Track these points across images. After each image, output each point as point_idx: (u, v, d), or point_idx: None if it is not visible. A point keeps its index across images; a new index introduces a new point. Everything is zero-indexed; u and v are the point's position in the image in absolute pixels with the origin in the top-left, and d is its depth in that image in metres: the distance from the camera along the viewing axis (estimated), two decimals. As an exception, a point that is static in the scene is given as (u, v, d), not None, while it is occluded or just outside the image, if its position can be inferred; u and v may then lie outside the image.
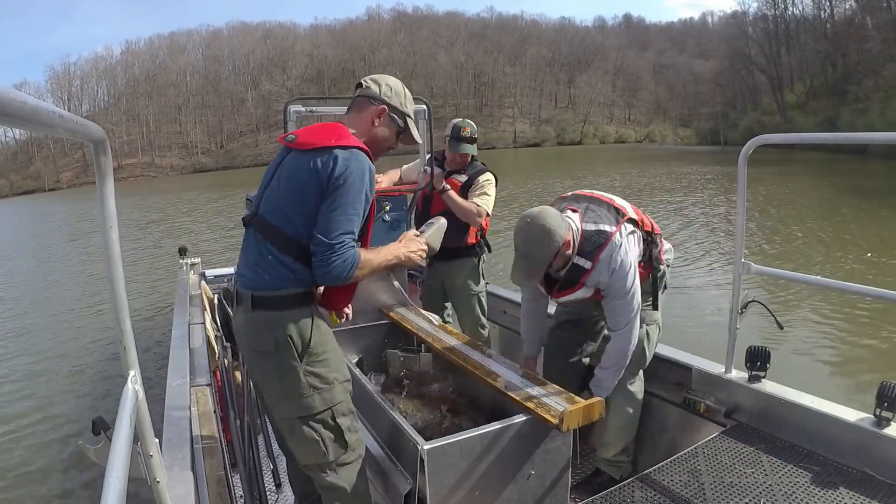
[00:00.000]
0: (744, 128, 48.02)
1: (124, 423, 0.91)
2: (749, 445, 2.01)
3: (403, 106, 1.81)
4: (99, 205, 0.98)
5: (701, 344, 4.95)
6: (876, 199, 14.34)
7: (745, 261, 2.20)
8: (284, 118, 2.96)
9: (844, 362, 4.71)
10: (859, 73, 38.76)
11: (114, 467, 0.79)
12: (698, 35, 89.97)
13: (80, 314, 7.53)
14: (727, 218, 12.01)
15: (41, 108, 0.64)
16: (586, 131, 76.57)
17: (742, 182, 2.15)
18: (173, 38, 73.95)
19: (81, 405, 4.61)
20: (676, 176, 22.59)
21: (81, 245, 14.14)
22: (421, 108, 3.09)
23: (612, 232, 2.05)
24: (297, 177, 1.63)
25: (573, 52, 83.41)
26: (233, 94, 70.70)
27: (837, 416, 1.90)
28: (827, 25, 46.01)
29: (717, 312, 6.00)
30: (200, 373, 2.53)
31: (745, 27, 55.40)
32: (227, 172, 54.19)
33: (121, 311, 1.02)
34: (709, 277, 7.79)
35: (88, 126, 0.86)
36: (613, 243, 2.03)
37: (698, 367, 2.36)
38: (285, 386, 1.66)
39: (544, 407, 1.78)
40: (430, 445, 1.66)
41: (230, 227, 13.93)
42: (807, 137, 2.37)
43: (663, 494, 1.81)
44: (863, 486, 1.73)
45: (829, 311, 5.81)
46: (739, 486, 1.80)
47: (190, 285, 4.22)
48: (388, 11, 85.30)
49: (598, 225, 2.08)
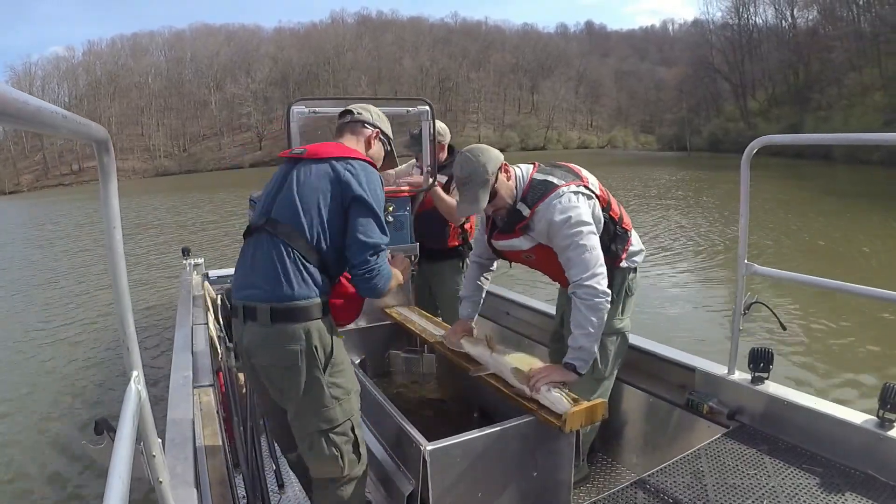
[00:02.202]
0: (707, 134, 49.83)
1: (127, 424, 0.91)
2: (752, 447, 2.00)
3: (388, 132, 1.96)
4: (102, 205, 0.98)
5: (703, 345, 4.95)
6: (843, 199, 14.85)
7: (748, 262, 2.19)
8: (287, 119, 2.96)
9: (848, 363, 4.69)
10: (822, 81, 40.00)
11: (116, 467, 0.79)
12: (659, 42, 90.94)
13: (80, 314, 7.55)
14: (723, 219, 12.07)
15: (43, 109, 0.64)
16: (550, 137, 77.05)
17: (745, 184, 2.15)
18: (136, 39, 73.12)
19: (84, 405, 4.62)
20: (664, 181, 23.09)
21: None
22: (424, 109, 3.10)
23: (559, 185, 1.99)
24: (315, 184, 1.65)
25: (536, 59, 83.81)
26: (196, 97, 70.02)
27: (841, 417, 1.89)
28: (789, 35, 47.05)
29: (719, 313, 6.00)
30: (203, 373, 2.53)
31: (709, 35, 56.29)
32: (190, 176, 53.57)
33: (124, 312, 1.02)
34: (709, 277, 7.79)
35: (91, 126, 0.86)
36: (556, 194, 1.97)
37: (701, 368, 2.35)
38: (311, 399, 1.65)
39: (547, 408, 1.78)
40: (433, 446, 1.66)
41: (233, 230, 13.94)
42: (809, 138, 2.36)
43: (666, 496, 1.81)
44: (866, 487, 1.73)
45: (832, 313, 5.80)
46: (742, 487, 1.79)
47: (193, 286, 4.22)
48: (352, 15, 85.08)
49: (548, 177, 2.04)
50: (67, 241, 15.20)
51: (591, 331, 1.87)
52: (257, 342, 1.65)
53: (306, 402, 1.65)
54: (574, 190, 2.00)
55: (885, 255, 8.60)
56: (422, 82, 74.18)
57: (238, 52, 73.67)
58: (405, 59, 76.68)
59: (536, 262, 2.15)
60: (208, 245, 11.90)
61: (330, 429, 1.67)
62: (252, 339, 1.66)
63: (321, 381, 1.64)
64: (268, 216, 1.69)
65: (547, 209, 1.97)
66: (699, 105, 56.32)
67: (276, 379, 1.67)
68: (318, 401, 1.65)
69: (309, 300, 1.62)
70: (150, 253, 11.60)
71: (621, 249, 2.18)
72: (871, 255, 8.54)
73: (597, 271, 1.90)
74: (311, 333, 1.61)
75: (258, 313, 1.62)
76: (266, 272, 1.64)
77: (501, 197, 2.02)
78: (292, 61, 71.94)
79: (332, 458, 1.69)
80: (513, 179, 2.04)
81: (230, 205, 19.78)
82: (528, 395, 1.83)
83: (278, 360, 1.63)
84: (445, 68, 77.49)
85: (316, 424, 1.66)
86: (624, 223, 2.21)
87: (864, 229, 10.62)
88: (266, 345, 1.63)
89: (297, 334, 1.60)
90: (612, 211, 2.15)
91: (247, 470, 2.18)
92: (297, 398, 1.66)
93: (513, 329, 3.44)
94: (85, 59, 69.94)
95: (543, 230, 1.99)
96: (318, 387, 1.64)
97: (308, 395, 1.64)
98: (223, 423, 2.22)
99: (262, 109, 67.73)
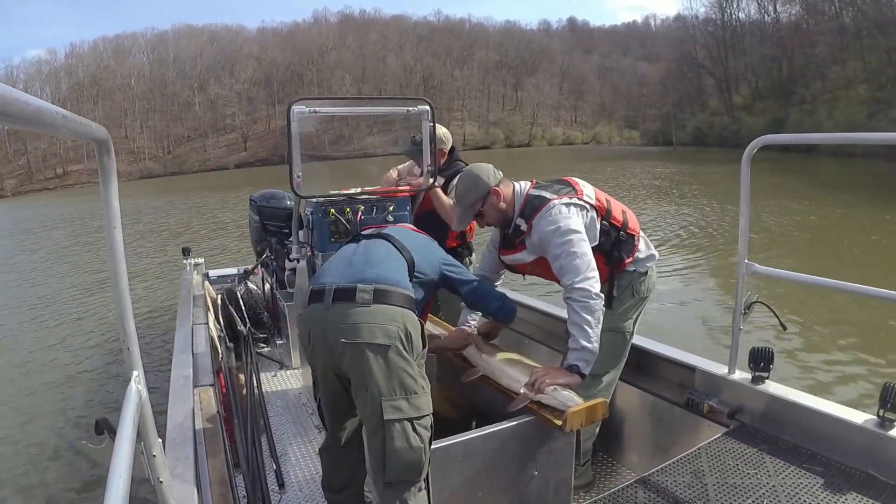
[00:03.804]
0: (692, 129, 50.07)
1: (127, 423, 0.91)
2: (752, 446, 2.00)
3: None
4: (103, 205, 0.99)
5: (704, 344, 4.95)
6: (829, 191, 15.05)
7: (748, 261, 2.19)
8: (288, 119, 2.95)
9: (848, 363, 4.69)
10: (806, 75, 40.40)
11: (117, 467, 0.80)
12: (642, 38, 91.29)
13: (80, 315, 7.56)
14: (720, 218, 12.12)
15: (44, 109, 0.64)
16: (534, 133, 77.19)
17: (745, 183, 2.15)
18: (118, 41, 72.66)
19: (84, 405, 4.62)
20: (658, 175, 23.10)
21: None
22: (424, 109, 3.09)
23: (550, 199, 2.07)
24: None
25: (520, 55, 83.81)
26: (180, 99, 69.65)
27: (841, 417, 1.89)
28: (773, 29, 47.32)
29: (720, 313, 6.00)
30: (204, 373, 2.53)
31: (692, 31, 56.38)
32: (175, 178, 53.30)
33: (124, 312, 1.02)
34: (710, 276, 7.79)
35: (92, 126, 0.87)
36: (547, 207, 2.05)
37: (701, 367, 2.35)
38: (401, 384, 1.59)
39: (547, 407, 1.78)
40: (434, 446, 1.66)
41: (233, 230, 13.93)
42: (809, 138, 2.36)
43: (666, 495, 1.81)
44: (866, 487, 1.73)
45: (833, 312, 5.80)
46: (743, 487, 1.79)
47: (194, 286, 4.23)
48: (334, 14, 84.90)
49: (542, 192, 2.12)
50: (68, 240, 15.21)
51: (589, 331, 1.88)
52: (352, 320, 1.62)
53: (396, 385, 1.59)
54: (566, 202, 2.06)
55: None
56: (406, 81, 74.26)
57: (221, 53, 73.33)
58: (389, 57, 76.66)
59: (543, 273, 2.20)
60: (207, 246, 11.91)
61: (417, 417, 1.60)
62: (345, 318, 1.63)
63: (413, 365, 1.62)
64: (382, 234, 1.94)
65: (539, 222, 2.05)
66: (683, 100, 56.38)
67: (367, 360, 1.59)
68: (408, 387, 1.60)
69: (409, 291, 1.72)
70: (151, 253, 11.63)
71: (626, 254, 2.21)
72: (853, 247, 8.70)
73: (588, 275, 1.93)
74: (407, 318, 1.65)
75: (357, 293, 1.64)
76: (374, 262, 1.77)
77: (490, 216, 2.18)
78: (276, 61, 71.78)
79: (419, 449, 1.59)
80: (505, 201, 2.15)
81: (234, 205, 19.75)
82: (530, 396, 1.82)
83: (376, 338, 1.59)
84: (429, 66, 77.55)
85: (404, 411, 1.58)
86: (629, 228, 2.22)
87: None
88: (364, 323, 1.61)
89: (397, 316, 1.63)
90: (612, 218, 2.18)
91: (247, 470, 2.19)
92: (386, 380, 1.59)
93: (513, 329, 3.44)
94: (67, 62, 69.45)
95: (537, 242, 2.07)
96: (409, 371, 1.61)
97: (398, 379, 1.59)
98: (223, 422, 2.23)
99: (247, 110, 67.63)
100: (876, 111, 28.39)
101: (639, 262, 2.26)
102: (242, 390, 2.90)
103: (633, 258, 2.24)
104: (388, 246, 1.88)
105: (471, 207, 2.17)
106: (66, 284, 9.47)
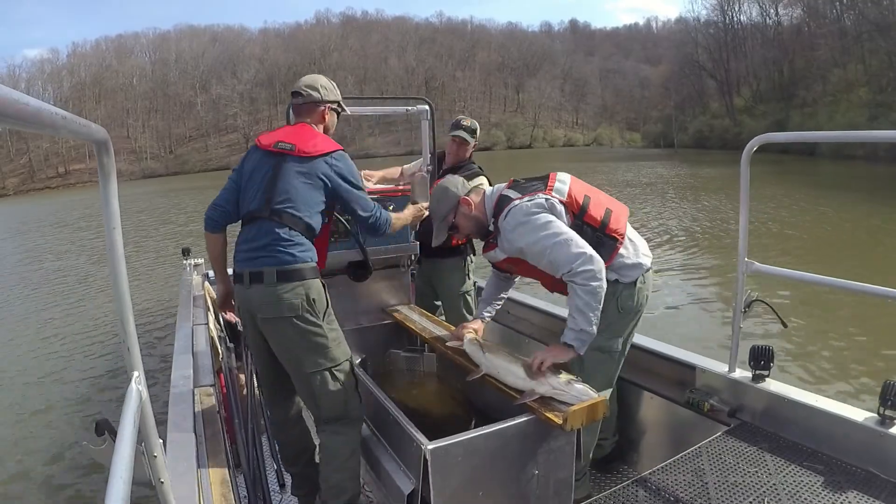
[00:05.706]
0: (694, 131, 50.23)
1: (128, 424, 0.91)
2: (753, 445, 2.00)
3: (337, 96, 2.22)
4: (103, 205, 0.98)
5: (704, 343, 4.95)
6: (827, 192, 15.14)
7: (748, 259, 2.19)
8: (288, 119, 2.96)
9: (848, 361, 4.69)
10: (807, 78, 40.68)
11: (117, 468, 0.79)
12: (643, 40, 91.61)
13: (80, 314, 7.56)
14: (722, 217, 12.10)
15: (43, 110, 0.64)
16: (536, 135, 77.44)
17: (745, 182, 2.15)
18: (120, 41, 73.09)
19: (85, 406, 4.62)
20: (666, 177, 23.09)
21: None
22: (424, 109, 3.09)
23: (513, 199, 2.06)
24: (309, 179, 1.98)
25: (521, 57, 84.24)
26: (182, 98, 69.84)
27: (841, 415, 1.89)
28: (774, 32, 47.61)
29: (720, 311, 6.00)
30: (204, 373, 2.52)
31: (694, 33, 56.61)
32: (177, 178, 53.39)
33: (124, 312, 1.02)
34: (709, 275, 7.79)
35: (91, 127, 0.86)
36: (509, 208, 2.05)
37: (702, 366, 2.35)
38: (313, 342, 1.92)
39: (548, 406, 1.78)
40: (434, 445, 1.66)
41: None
42: (807, 136, 2.36)
43: (667, 494, 1.81)
44: (867, 485, 1.73)
45: (833, 310, 5.80)
46: (743, 485, 1.79)
47: (193, 286, 4.22)
48: (336, 16, 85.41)
49: (510, 192, 2.11)
50: (67, 241, 15.21)
51: (590, 315, 1.86)
52: (265, 298, 1.90)
53: (310, 345, 1.92)
54: (528, 200, 2.02)
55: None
56: (408, 82, 74.64)
57: (223, 53, 73.69)
58: (391, 58, 77.08)
59: (519, 271, 2.23)
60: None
61: (334, 366, 1.95)
62: (258, 297, 1.92)
63: (322, 327, 1.93)
64: (270, 206, 1.96)
65: (502, 223, 2.07)
66: (685, 102, 56.61)
67: (281, 331, 1.92)
68: (320, 343, 1.92)
69: (305, 264, 1.93)
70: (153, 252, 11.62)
71: (606, 257, 1.98)
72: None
73: (582, 252, 1.86)
74: (309, 288, 1.91)
75: (265, 276, 1.89)
76: (265, 245, 1.93)
77: (463, 226, 2.22)
78: (278, 62, 72.18)
79: (339, 391, 1.96)
80: (477, 209, 2.18)
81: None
82: (531, 394, 1.83)
83: (283, 312, 1.88)
84: (431, 68, 77.99)
85: (321, 363, 1.93)
86: (608, 229, 2.04)
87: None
88: (272, 300, 1.89)
89: (298, 290, 1.89)
90: (587, 216, 2.03)
91: (248, 470, 2.19)
92: (300, 345, 1.92)
93: (514, 328, 3.44)
94: (69, 62, 69.76)
95: (505, 244, 2.09)
96: (319, 331, 1.92)
97: (310, 340, 1.91)
98: (224, 422, 2.23)
99: (249, 110, 67.75)
100: (877, 114, 28.35)
101: (622, 269, 2.07)
102: (242, 390, 2.90)
103: (612, 263, 2.03)
104: (277, 228, 1.97)
105: (444, 220, 2.22)
106: (67, 284, 9.48)
